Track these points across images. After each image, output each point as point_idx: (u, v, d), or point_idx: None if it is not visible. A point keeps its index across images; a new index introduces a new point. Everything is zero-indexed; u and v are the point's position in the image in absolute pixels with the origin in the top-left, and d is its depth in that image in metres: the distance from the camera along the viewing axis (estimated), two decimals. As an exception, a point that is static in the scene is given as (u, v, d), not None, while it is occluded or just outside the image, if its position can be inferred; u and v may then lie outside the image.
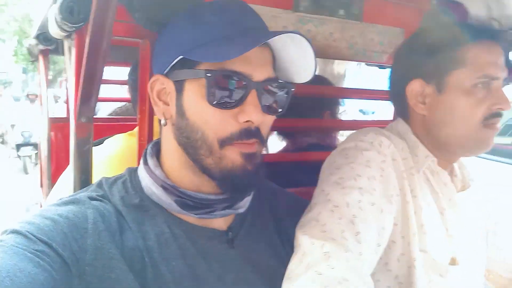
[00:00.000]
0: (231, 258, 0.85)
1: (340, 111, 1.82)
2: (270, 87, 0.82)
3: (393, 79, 1.19)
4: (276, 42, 0.80)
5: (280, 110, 0.85)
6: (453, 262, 1.06)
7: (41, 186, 2.70)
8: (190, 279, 0.79)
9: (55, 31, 1.00)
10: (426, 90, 1.08)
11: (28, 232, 0.70)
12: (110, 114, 2.97)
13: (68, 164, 1.04)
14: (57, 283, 0.68)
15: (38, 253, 0.68)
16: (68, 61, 1.01)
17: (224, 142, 0.79)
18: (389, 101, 1.25)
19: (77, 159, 0.97)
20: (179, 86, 0.82)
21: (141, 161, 0.90)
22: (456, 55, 1.04)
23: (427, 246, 1.03)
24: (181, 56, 0.80)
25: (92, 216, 0.78)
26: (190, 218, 0.85)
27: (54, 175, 2.39)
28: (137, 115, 1.09)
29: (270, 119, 0.85)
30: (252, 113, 0.78)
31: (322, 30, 1.27)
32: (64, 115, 3.18)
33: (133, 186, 0.87)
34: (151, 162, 0.88)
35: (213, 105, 0.78)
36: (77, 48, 0.93)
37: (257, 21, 0.84)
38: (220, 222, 0.88)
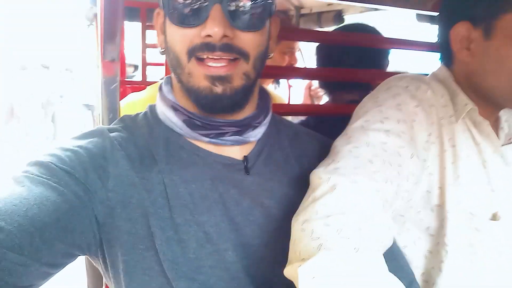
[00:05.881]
0: (247, 184, 0.86)
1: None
2: (241, 1, 0.78)
3: (440, 22, 1.10)
4: None
5: (258, 24, 0.82)
6: (493, 217, 1.00)
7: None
8: (208, 201, 0.81)
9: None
10: (473, 35, 0.98)
11: (51, 163, 0.74)
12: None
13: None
14: (81, 211, 0.72)
15: (62, 182, 0.71)
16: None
17: (190, 54, 0.79)
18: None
19: (104, 97, 1.02)
20: (165, 14, 0.83)
21: (158, 89, 0.92)
22: None
23: (462, 199, 0.97)
24: None
25: (109, 145, 0.81)
26: (206, 145, 0.87)
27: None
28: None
29: (248, 35, 0.81)
30: (210, 28, 0.75)
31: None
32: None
33: (153, 116, 0.90)
34: (165, 88, 0.90)
35: (176, 24, 0.79)
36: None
37: None
38: (236, 151, 0.89)
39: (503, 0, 0.93)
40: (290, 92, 3.17)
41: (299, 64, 3.05)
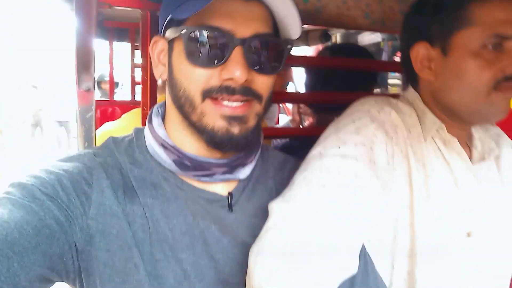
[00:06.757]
0: (229, 222, 0.85)
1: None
2: (260, 44, 0.79)
3: (401, 43, 1.12)
4: None
5: (275, 68, 0.82)
6: (466, 236, 0.99)
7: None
8: (188, 238, 0.81)
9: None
10: (432, 54, 1.01)
11: (33, 186, 0.73)
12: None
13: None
14: (61, 236, 0.71)
15: (43, 207, 0.71)
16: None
17: (205, 95, 0.78)
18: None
19: (80, 126, 1.02)
20: (170, 46, 0.83)
21: (147, 121, 0.91)
22: (461, 13, 0.95)
23: (434, 218, 0.97)
24: (170, 15, 0.80)
25: (96, 172, 0.80)
26: (192, 180, 0.86)
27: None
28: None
29: (264, 78, 0.81)
30: (234, 71, 0.75)
31: (333, -2, 1.23)
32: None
33: (138, 144, 0.89)
34: (155, 121, 0.89)
35: (193, 64, 0.77)
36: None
37: None
38: (221, 187, 0.88)
39: (455, 18, 0.96)
40: (279, 111, 3.18)
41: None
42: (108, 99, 3.47)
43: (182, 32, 0.77)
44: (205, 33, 0.76)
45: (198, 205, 0.84)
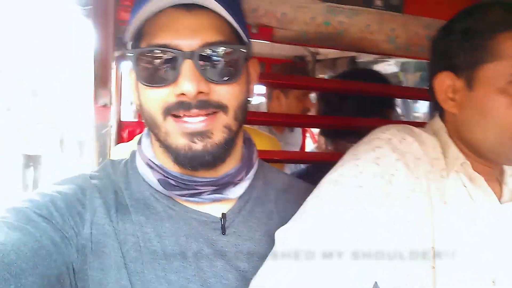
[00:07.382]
0: (222, 245, 0.83)
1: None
2: (212, 53, 0.77)
3: (428, 70, 1.07)
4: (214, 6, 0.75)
5: (234, 76, 0.79)
6: (491, 283, 0.91)
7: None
8: (180, 259, 0.79)
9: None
10: (457, 85, 0.95)
11: (28, 208, 0.74)
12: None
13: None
14: (58, 258, 0.71)
15: (39, 228, 0.71)
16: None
17: (166, 113, 0.77)
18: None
19: (95, 141, 1.02)
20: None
21: (137, 142, 0.91)
22: (490, 44, 0.90)
23: (454, 261, 0.90)
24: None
25: (89, 192, 0.81)
26: (184, 201, 0.84)
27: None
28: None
29: (225, 88, 0.79)
30: (183, 85, 0.74)
31: (356, 22, 1.21)
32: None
33: (132, 166, 0.89)
34: (144, 142, 0.89)
35: (147, 85, 0.77)
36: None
37: None
38: (214, 207, 0.86)
39: (483, 49, 0.90)
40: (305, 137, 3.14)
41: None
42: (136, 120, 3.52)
43: (130, 55, 0.78)
44: (150, 52, 0.76)
45: (191, 226, 0.82)
